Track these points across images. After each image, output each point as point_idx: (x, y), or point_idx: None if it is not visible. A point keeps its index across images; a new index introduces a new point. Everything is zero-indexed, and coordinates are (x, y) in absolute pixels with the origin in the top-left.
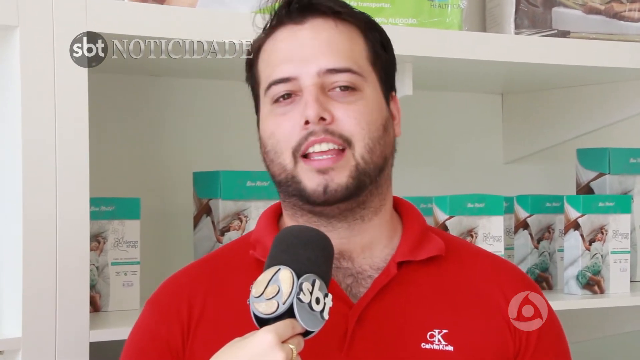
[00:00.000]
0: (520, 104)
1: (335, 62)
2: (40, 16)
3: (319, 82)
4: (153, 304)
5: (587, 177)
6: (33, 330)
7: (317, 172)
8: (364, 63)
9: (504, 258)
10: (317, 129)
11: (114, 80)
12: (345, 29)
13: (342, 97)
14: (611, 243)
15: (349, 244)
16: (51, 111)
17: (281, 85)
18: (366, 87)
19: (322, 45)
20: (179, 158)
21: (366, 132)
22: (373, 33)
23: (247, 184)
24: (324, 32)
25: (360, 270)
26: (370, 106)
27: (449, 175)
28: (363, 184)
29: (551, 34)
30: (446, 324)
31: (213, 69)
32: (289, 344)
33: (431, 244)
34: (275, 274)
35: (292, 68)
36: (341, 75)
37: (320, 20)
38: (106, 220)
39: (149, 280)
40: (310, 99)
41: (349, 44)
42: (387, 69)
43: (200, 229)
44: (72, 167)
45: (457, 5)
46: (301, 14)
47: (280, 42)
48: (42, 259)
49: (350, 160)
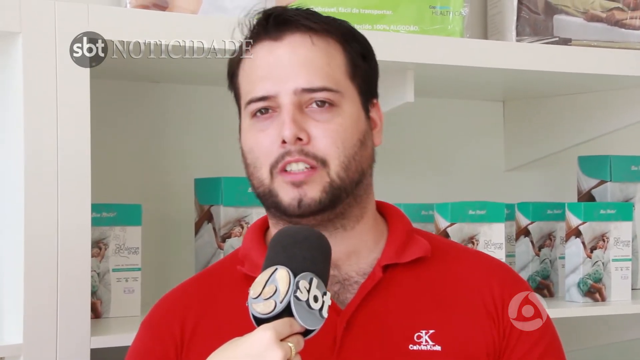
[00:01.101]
0: (522, 111)
1: (311, 81)
2: (43, 23)
3: (296, 100)
4: (147, 324)
5: (589, 185)
6: (34, 337)
7: (292, 186)
8: (341, 78)
9: (492, 256)
10: (293, 149)
11: (116, 86)
12: (322, 44)
13: (318, 115)
14: (612, 251)
15: (333, 252)
16: (53, 117)
17: (260, 102)
18: (344, 103)
19: (298, 64)
20: (180, 164)
21: (341, 150)
22: (352, 45)
23: (248, 191)
24: (301, 49)
25: (346, 277)
26: (347, 123)
27: (450, 182)
28: (338, 199)
29: (552, 41)
30: (433, 324)
31: (214, 76)
32: (288, 343)
33: (416, 245)
34: (272, 274)
35: (270, 86)
36: (317, 94)
37: (297, 36)
38: (107, 227)
39: (150, 287)
40: (287, 119)
41: (326, 61)
42: (368, 78)
43: (202, 236)
44: (73, 173)
45: (458, 13)
46: (278, 30)
47: (258, 59)
48: (44, 264)
49: (324, 177)
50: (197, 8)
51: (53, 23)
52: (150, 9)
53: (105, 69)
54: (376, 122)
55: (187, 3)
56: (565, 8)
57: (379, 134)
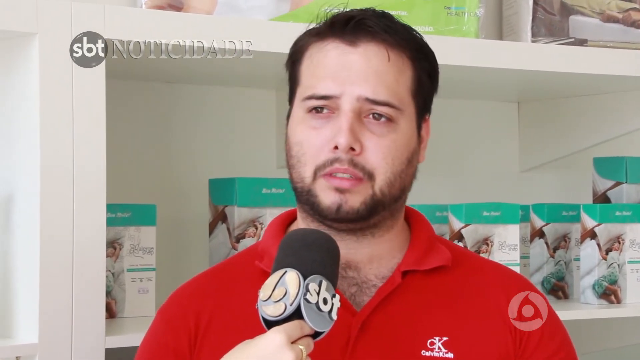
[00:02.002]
0: (537, 112)
1: (377, 93)
2: (59, 23)
3: (357, 107)
4: (162, 314)
5: (604, 186)
6: (49, 336)
7: (335, 190)
8: (405, 95)
9: (511, 269)
10: (344, 158)
11: (131, 87)
12: (395, 58)
13: (375, 127)
14: (628, 252)
15: (356, 254)
16: (69, 118)
17: (320, 100)
18: (402, 120)
19: (369, 73)
20: (194, 165)
21: (389, 166)
22: (422, 62)
23: (262, 191)
24: (375, 59)
25: (365, 280)
26: (401, 140)
27: (465, 183)
28: (375, 212)
29: (568, 42)
30: (447, 331)
31: (229, 77)
32: (299, 345)
33: (438, 254)
34: (282, 277)
35: (335, 88)
36: (379, 107)
37: (372, 45)
38: (122, 227)
39: (165, 287)
40: (345, 126)
41: (396, 76)
42: (428, 96)
43: (216, 236)
44: (89, 173)
45: (473, 13)
46: (354, 35)
47: (329, 58)
48: (59, 264)
49: (368, 189)
50: (212, 9)
51: (69, 24)
52: (166, 9)
53: (120, 70)
54: (423, 138)
55: (202, 4)
56: (581, 9)
57: (424, 150)
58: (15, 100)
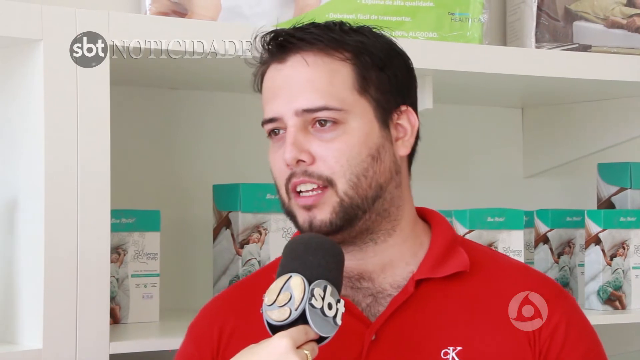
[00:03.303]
0: (541, 118)
1: (310, 101)
2: (64, 30)
3: (299, 121)
4: (190, 328)
5: (608, 192)
6: (54, 342)
7: (303, 209)
8: (347, 94)
9: (538, 271)
10: (297, 171)
11: (135, 93)
12: (324, 62)
13: (323, 134)
14: (632, 258)
15: (366, 264)
16: (73, 123)
17: (270, 124)
18: (350, 119)
19: (298, 84)
20: (198, 171)
21: (346, 168)
22: (362, 58)
23: (266, 197)
24: (301, 69)
25: (380, 290)
26: (353, 140)
27: (469, 189)
28: (352, 217)
29: (572, 48)
30: (461, 341)
31: (233, 82)
32: (304, 350)
33: (455, 259)
34: (287, 282)
35: (275, 108)
36: (319, 113)
37: (298, 57)
38: (126, 232)
39: (169, 293)
40: (287, 142)
41: (328, 79)
42: (387, 88)
43: (220, 242)
44: (93, 179)
45: (477, 19)
46: (282, 51)
47: (269, 80)
48: (63, 270)
49: (332, 197)
50: (216, 15)
51: (74, 30)
52: (170, 16)
53: (125, 76)
54: (405, 131)
55: (206, 10)
56: (585, 14)
57: (407, 143)
58: (20, 106)
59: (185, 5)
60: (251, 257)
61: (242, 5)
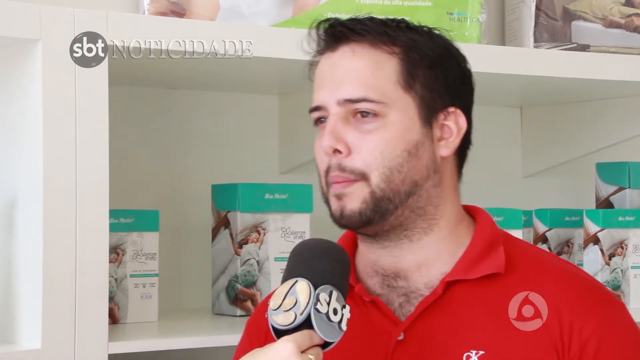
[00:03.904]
0: (539, 118)
1: (352, 92)
2: (62, 30)
3: (341, 111)
4: (246, 324)
5: (607, 191)
6: (52, 342)
7: (336, 198)
8: (389, 88)
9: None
10: (333, 165)
11: (134, 93)
12: (370, 54)
13: (361, 125)
14: (631, 258)
15: (402, 262)
16: (72, 123)
17: (316, 112)
18: (390, 113)
19: (343, 74)
20: (197, 171)
21: (380, 161)
22: (411, 54)
23: (265, 197)
24: (347, 59)
25: (414, 289)
26: (391, 134)
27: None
28: (384, 210)
29: (570, 47)
30: (484, 345)
31: (231, 82)
32: (309, 355)
33: (490, 261)
34: (293, 286)
35: (321, 97)
36: (359, 104)
37: (347, 47)
38: (125, 232)
39: (168, 293)
40: (327, 129)
41: (371, 71)
42: (435, 87)
43: (219, 242)
44: (91, 179)
45: (476, 19)
46: (334, 41)
47: (319, 69)
48: (62, 270)
49: (364, 188)
50: (215, 15)
51: (72, 30)
52: (169, 16)
53: (123, 76)
54: (451, 132)
55: (204, 10)
56: (583, 14)
57: (451, 145)
58: (18, 106)
59: (183, 5)
60: (250, 257)
61: (241, 5)
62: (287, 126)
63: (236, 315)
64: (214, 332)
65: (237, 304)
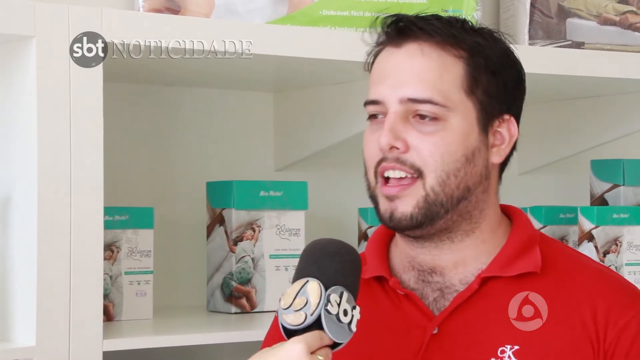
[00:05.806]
0: (534, 115)
1: (417, 92)
2: (57, 26)
3: (401, 109)
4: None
5: (602, 189)
6: (47, 339)
7: (387, 198)
8: (454, 92)
9: (615, 274)
10: (389, 156)
11: (129, 89)
12: (439, 55)
13: (422, 126)
14: (626, 255)
15: (440, 260)
16: (66, 120)
17: (372, 106)
18: (451, 117)
19: (409, 73)
20: (192, 168)
21: (439, 164)
22: (476, 58)
23: (260, 194)
24: (415, 58)
25: (449, 285)
26: (451, 137)
27: None
28: (434, 214)
29: (565, 45)
30: (519, 340)
31: (227, 79)
32: (318, 355)
33: (527, 259)
34: (304, 286)
35: (381, 92)
36: (422, 105)
37: (415, 45)
38: (120, 230)
39: (162, 290)
40: (386, 126)
41: (439, 73)
42: (494, 93)
43: (213, 239)
44: (86, 176)
45: (471, 16)
46: (400, 37)
47: (380, 63)
48: (56, 267)
49: (418, 191)
50: (210, 12)
51: (67, 27)
52: (163, 12)
53: (118, 72)
54: (503, 139)
55: (199, 7)
56: (578, 11)
57: (502, 152)
58: (12, 103)
59: (178, 2)
60: (245, 254)
61: (236, 2)
62: (282, 123)
63: (231, 313)
64: (208, 329)
65: (231, 301)
